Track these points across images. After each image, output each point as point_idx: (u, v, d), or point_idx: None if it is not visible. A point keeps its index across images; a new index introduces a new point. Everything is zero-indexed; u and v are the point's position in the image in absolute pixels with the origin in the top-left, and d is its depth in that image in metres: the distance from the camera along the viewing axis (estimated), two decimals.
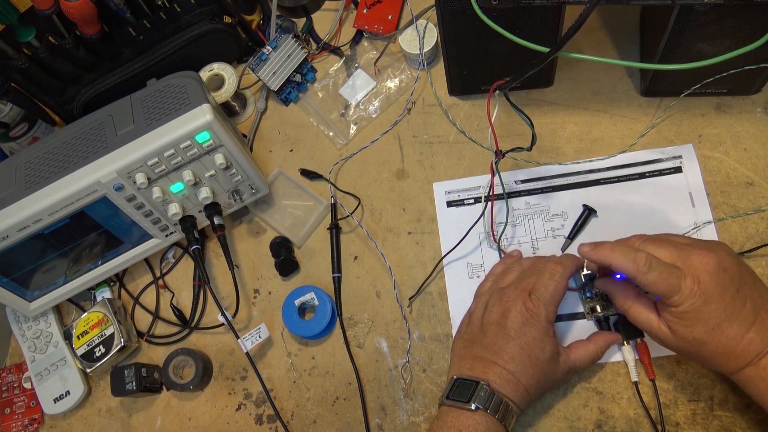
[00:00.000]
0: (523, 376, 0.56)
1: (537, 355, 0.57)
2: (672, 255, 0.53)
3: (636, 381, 0.61)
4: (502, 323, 0.58)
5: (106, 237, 0.70)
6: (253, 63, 0.79)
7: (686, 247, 0.53)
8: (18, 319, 0.78)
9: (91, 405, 0.75)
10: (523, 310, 0.58)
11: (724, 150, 0.68)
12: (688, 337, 0.52)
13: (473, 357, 0.59)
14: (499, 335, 0.58)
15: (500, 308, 0.59)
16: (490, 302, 0.61)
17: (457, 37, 0.66)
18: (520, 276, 0.62)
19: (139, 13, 0.76)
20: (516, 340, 0.57)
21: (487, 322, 0.60)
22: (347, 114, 0.80)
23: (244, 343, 0.68)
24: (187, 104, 0.65)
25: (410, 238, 0.73)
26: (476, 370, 0.57)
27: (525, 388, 0.56)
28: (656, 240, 0.55)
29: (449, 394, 0.57)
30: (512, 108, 0.61)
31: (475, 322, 0.61)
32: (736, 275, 0.52)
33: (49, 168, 0.65)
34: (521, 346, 0.57)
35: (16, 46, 0.71)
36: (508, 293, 0.60)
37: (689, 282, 0.51)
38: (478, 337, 0.60)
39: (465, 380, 0.57)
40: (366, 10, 0.82)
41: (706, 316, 0.51)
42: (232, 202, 0.73)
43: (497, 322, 0.59)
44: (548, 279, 0.59)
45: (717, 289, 0.51)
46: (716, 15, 0.57)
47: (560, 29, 0.63)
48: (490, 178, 0.68)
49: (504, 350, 0.57)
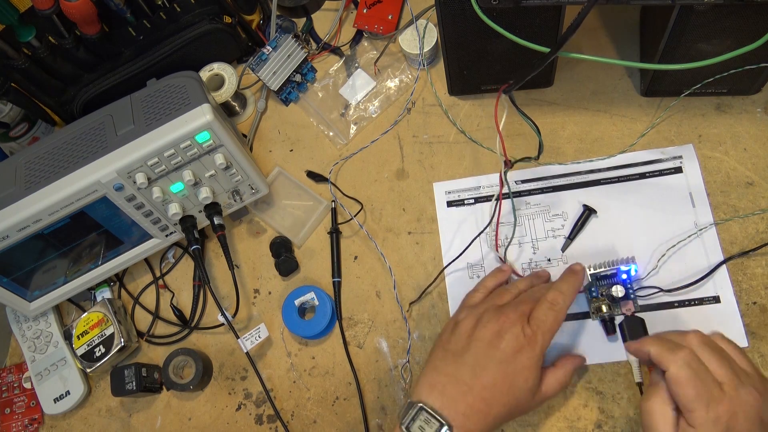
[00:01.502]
0: (496, 406, 0.54)
1: (519, 384, 0.54)
2: (723, 376, 0.49)
3: (639, 382, 0.61)
4: (494, 343, 0.55)
5: (106, 237, 0.70)
6: (253, 63, 0.79)
7: (742, 375, 0.49)
8: (18, 319, 0.78)
9: (91, 405, 0.75)
10: (521, 335, 0.55)
11: (724, 150, 0.68)
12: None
13: (448, 375, 0.55)
14: (486, 355, 0.55)
15: (495, 326, 0.56)
16: (485, 317, 0.58)
17: (457, 37, 0.66)
18: (519, 299, 0.60)
19: (139, 13, 0.76)
20: (503, 365, 0.54)
21: (477, 337, 0.56)
22: (347, 114, 0.80)
23: (244, 343, 0.68)
24: (187, 104, 0.65)
25: (410, 238, 0.73)
26: (446, 398, 0.54)
27: (493, 419, 0.54)
28: (716, 351, 0.50)
29: (409, 422, 0.54)
30: (520, 115, 0.61)
31: (462, 334, 0.58)
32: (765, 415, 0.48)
33: (49, 168, 0.65)
34: (506, 372, 0.54)
35: (16, 46, 0.71)
36: (507, 313, 0.57)
37: (721, 409, 0.47)
38: (461, 351, 0.56)
39: (431, 414, 0.53)
40: (366, 10, 0.82)
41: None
42: (232, 202, 0.73)
43: (488, 341, 0.56)
44: (548, 309, 0.57)
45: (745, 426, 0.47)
46: (716, 15, 0.57)
47: (560, 29, 0.63)
48: (499, 188, 0.68)
49: (485, 373, 0.54)
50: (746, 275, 0.63)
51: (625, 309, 0.63)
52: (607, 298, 0.64)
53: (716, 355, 0.50)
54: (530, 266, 0.68)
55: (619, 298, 0.63)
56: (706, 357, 0.50)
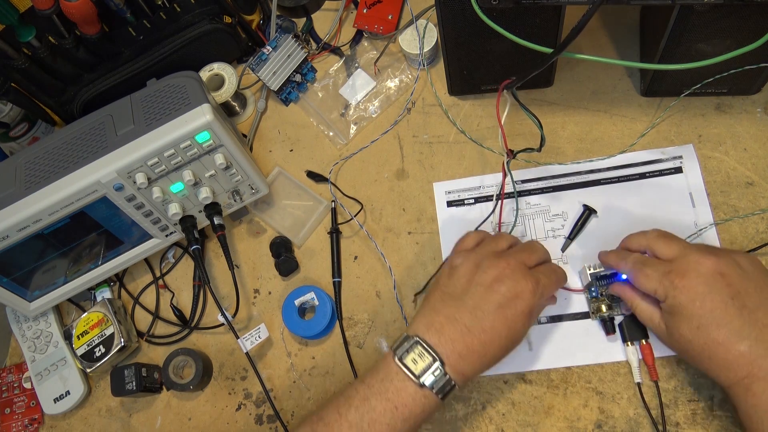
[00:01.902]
0: (492, 348, 0.54)
1: (517, 329, 0.55)
2: (674, 251, 0.55)
3: (639, 382, 0.61)
4: (494, 287, 0.55)
5: (106, 237, 0.70)
6: (253, 63, 0.79)
7: (692, 247, 0.54)
8: (18, 319, 0.78)
9: (91, 405, 0.75)
10: (522, 281, 0.55)
11: (724, 150, 0.68)
12: (676, 333, 0.53)
13: (447, 317, 0.55)
14: (486, 299, 0.55)
15: (496, 272, 0.56)
16: (485, 263, 0.57)
17: (457, 37, 0.66)
18: (518, 248, 0.60)
19: (139, 13, 0.76)
20: (502, 309, 0.54)
21: (477, 281, 0.56)
22: (347, 114, 0.80)
23: (244, 343, 0.68)
24: (187, 104, 0.65)
25: (410, 238, 0.73)
26: (444, 337, 0.54)
27: (488, 360, 0.55)
28: (667, 236, 0.57)
29: (403, 352, 0.54)
30: (521, 108, 0.61)
31: (460, 278, 0.57)
32: (735, 283, 0.51)
33: (49, 168, 0.65)
34: (505, 316, 0.54)
35: (16, 46, 0.71)
36: (507, 260, 0.57)
37: (673, 277, 0.53)
38: (460, 295, 0.56)
39: (425, 349, 0.54)
40: (366, 10, 0.82)
41: (688, 314, 0.52)
42: (232, 202, 0.73)
43: (488, 285, 0.55)
44: (552, 270, 0.59)
45: (705, 289, 0.51)
46: (716, 15, 0.57)
47: (560, 29, 0.63)
48: (502, 179, 0.68)
49: (485, 316, 0.54)
50: None
51: (625, 309, 0.63)
52: (607, 298, 0.64)
53: (666, 240, 0.56)
54: None
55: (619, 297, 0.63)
56: (659, 247, 0.56)
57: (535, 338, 0.65)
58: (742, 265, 0.53)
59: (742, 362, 0.50)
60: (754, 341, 0.50)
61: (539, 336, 0.65)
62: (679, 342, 0.54)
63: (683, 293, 0.52)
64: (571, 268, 0.67)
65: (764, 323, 0.50)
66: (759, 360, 0.50)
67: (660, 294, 0.54)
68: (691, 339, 0.52)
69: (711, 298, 0.51)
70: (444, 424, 0.65)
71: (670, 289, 0.53)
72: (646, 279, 0.55)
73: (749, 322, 0.50)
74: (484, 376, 0.65)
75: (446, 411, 0.65)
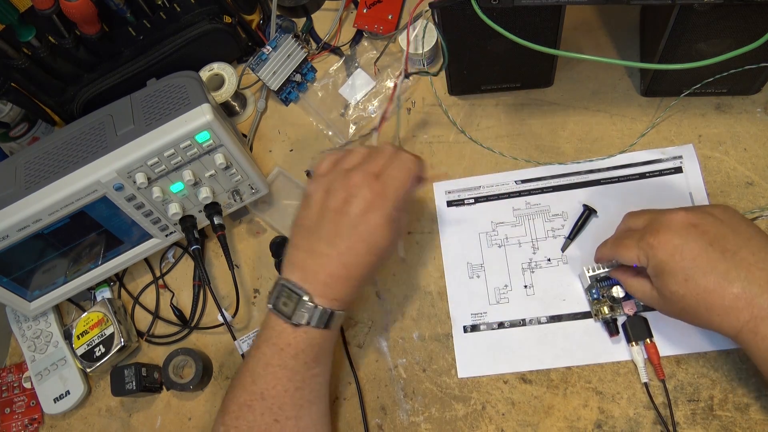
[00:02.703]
0: (357, 268, 0.55)
1: (376, 242, 0.55)
2: (646, 218, 0.56)
3: (646, 382, 0.61)
4: (343, 210, 0.55)
5: (106, 237, 0.70)
6: (253, 63, 0.79)
7: (662, 210, 0.55)
8: (18, 319, 0.78)
9: (91, 405, 0.75)
10: (368, 194, 0.54)
11: (724, 150, 0.68)
12: (667, 292, 0.53)
13: (307, 251, 0.56)
14: (338, 223, 0.55)
15: (343, 194, 0.55)
16: (334, 186, 0.56)
17: (457, 37, 0.66)
18: (366, 158, 0.58)
19: (139, 13, 0.76)
20: (355, 229, 0.54)
21: (327, 207, 0.56)
22: (347, 114, 0.80)
23: (241, 345, 0.68)
24: (187, 104, 0.65)
25: (410, 238, 0.73)
26: (306, 272, 0.56)
27: (356, 280, 0.56)
28: (637, 211, 0.58)
29: (275, 303, 0.56)
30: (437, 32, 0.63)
31: (313, 207, 0.57)
32: (711, 230, 0.52)
33: (49, 168, 0.65)
34: (360, 234, 0.54)
35: (16, 46, 0.71)
36: (353, 178, 0.56)
37: (647, 239, 0.53)
38: (315, 225, 0.56)
39: (290, 289, 0.56)
40: (366, 10, 0.82)
41: (672, 269, 0.52)
42: (232, 202, 0.73)
43: (338, 209, 0.55)
44: (401, 166, 0.57)
45: (680, 242, 0.52)
46: (716, 15, 0.57)
47: (560, 29, 0.63)
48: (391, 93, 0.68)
49: (339, 240, 0.55)
50: None
51: (627, 309, 0.63)
52: (609, 300, 0.63)
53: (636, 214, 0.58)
54: (530, 266, 0.68)
55: (621, 298, 0.63)
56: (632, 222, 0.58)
57: (535, 338, 0.65)
58: (715, 214, 0.53)
59: (740, 305, 0.50)
60: (745, 281, 0.50)
61: (539, 336, 0.65)
62: (673, 301, 0.53)
63: (660, 250, 0.52)
64: (571, 269, 0.67)
65: (750, 262, 0.50)
66: (756, 299, 0.49)
67: (642, 259, 0.54)
68: (684, 293, 0.52)
69: (689, 247, 0.51)
70: (444, 424, 0.65)
71: (648, 249, 0.53)
72: (626, 250, 0.55)
73: (735, 264, 0.50)
74: (484, 376, 0.65)
75: (446, 411, 0.65)
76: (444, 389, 0.66)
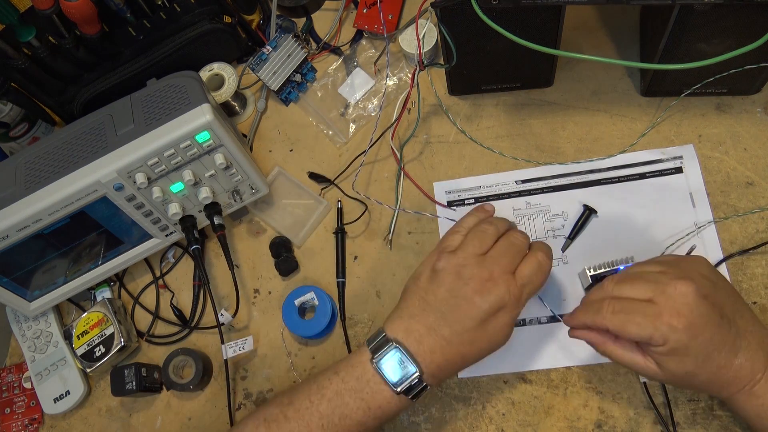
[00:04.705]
0: (471, 358, 0.55)
1: (498, 339, 0.55)
2: (647, 291, 0.50)
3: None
4: (474, 302, 0.53)
5: (106, 237, 0.70)
6: (253, 63, 0.79)
7: (661, 279, 0.50)
8: (18, 319, 0.78)
9: (91, 405, 0.75)
10: (506, 294, 0.53)
11: (724, 150, 0.68)
12: (680, 372, 0.50)
13: (427, 327, 0.54)
14: (467, 315, 0.53)
15: (477, 285, 0.53)
16: (467, 273, 0.54)
17: (456, 37, 0.66)
18: (500, 249, 0.55)
19: (139, 13, 0.76)
20: (483, 324, 0.53)
21: (457, 293, 0.54)
22: (347, 113, 0.80)
23: (227, 350, 0.68)
24: (187, 104, 0.65)
25: (410, 238, 0.73)
26: (423, 347, 0.54)
27: (464, 366, 0.55)
28: (628, 278, 0.52)
29: (382, 357, 0.53)
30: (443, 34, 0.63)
31: (440, 287, 0.55)
32: (718, 300, 0.50)
33: (49, 168, 0.65)
34: (486, 330, 0.53)
35: (16, 46, 0.71)
36: (491, 269, 0.54)
37: (667, 319, 0.48)
38: (440, 305, 0.54)
39: (405, 356, 0.53)
40: (366, 10, 0.82)
41: (695, 351, 0.49)
42: (232, 202, 0.73)
43: (469, 299, 0.53)
44: (538, 269, 0.55)
45: (701, 320, 0.48)
46: (716, 15, 0.57)
47: (560, 29, 0.63)
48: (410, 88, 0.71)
49: (465, 331, 0.53)
50: (746, 275, 0.63)
51: None
52: None
53: (632, 282, 0.51)
54: None
55: None
56: (626, 291, 0.51)
57: (535, 338, 0.65)
58: (706, 275, 0.51)
59: (743, 374, 0.49)
60: (747, 350, 0.49)
61: (539, 336, 0.65)
62: (682, 378, 0.51)
63: (686, 333, 0.48)
64: (571, 269, 0.67)
65: (745, 329, 0.50)
66: (757, 364, 0.49)
67: (657, 339, 0.49)
68: (698, 372, 0.50)
69: (709, 327, 0.49)
70: (444, 424, 0.65)
71: (670, 332, 0.48)
72: (638, 327, 0.49)
73: (737, 333, 0.50)
74: (484, 375, 0.65)
75: (446, 411, 0.65)
76: (444, 389, 0.66)
